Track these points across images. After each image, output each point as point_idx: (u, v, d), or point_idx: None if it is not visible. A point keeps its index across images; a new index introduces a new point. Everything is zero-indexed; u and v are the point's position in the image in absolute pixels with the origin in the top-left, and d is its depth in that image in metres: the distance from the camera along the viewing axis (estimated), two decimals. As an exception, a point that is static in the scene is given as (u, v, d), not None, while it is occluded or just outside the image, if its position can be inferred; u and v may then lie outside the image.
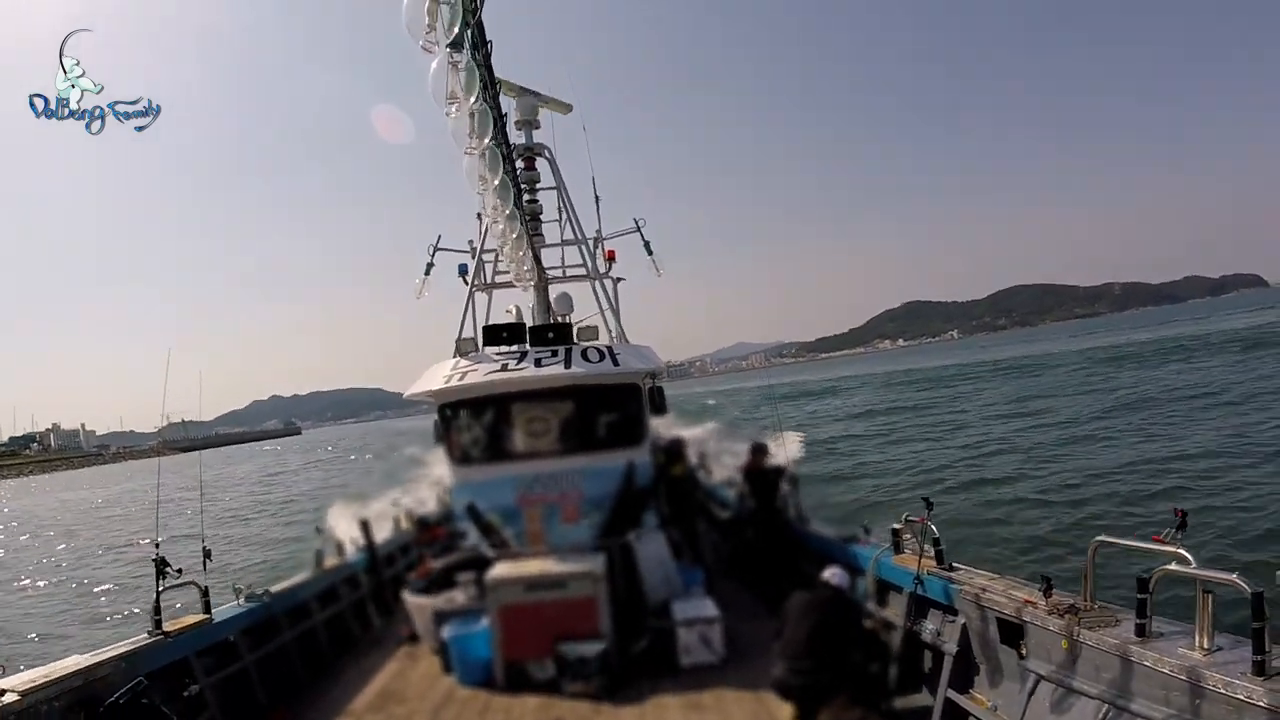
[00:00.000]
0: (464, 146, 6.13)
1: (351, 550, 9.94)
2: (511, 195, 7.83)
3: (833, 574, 6.16)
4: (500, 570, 7.14)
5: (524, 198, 10.11)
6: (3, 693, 4.57)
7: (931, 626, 5.96)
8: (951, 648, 5.62)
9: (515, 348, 8.34)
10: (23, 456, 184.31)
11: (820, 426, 38.91)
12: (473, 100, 5.40)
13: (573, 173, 12.16)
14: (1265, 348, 45.26)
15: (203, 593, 6.62)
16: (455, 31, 4.73)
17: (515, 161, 8.82)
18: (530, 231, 10.23)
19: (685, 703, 6.27)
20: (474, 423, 8.17)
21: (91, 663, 5.25)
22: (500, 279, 12.08)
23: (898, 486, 21.04)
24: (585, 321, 9.60)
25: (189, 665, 6.20)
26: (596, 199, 12.80)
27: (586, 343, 8.39)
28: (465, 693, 6.75)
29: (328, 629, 8.45)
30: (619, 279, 12.17)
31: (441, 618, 7.40)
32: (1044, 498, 16.75)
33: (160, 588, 6.11)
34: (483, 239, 11.49)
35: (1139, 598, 4.06)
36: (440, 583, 7.82)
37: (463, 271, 11.76)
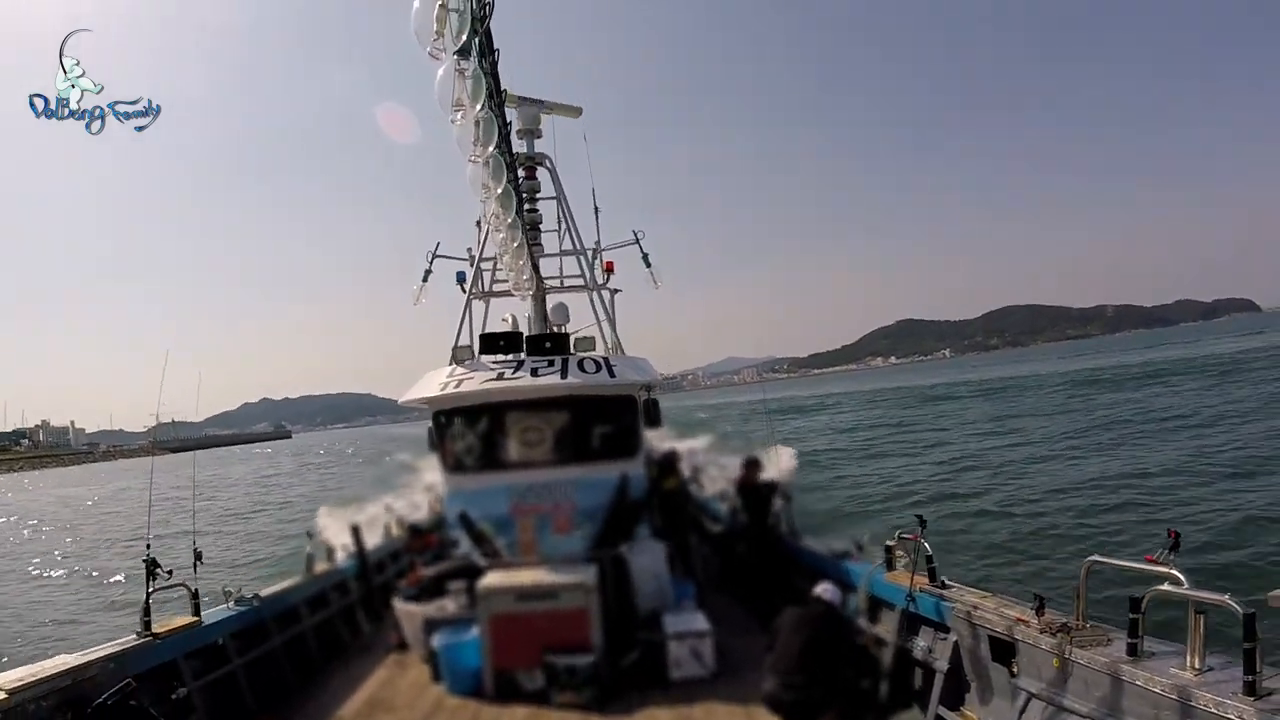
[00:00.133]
0: (468, 154, 6.16)
1: (342, 556, 9.88)
2: (514, 204, 7.86)
3: (824, 589, 6.15)
4: (492, 579, 7.10)
5: (524, 206, 10.14)
6: None
7: (923, 643, 5.98)
8: (943, 665, 5.64)
9: (512, 356, 8.34)
10: (13, 452, 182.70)
11: (804, 440, 39.18)
12: (478, 108, 5.45)
13: (572, 184, 12.20)
14: (1242, 372, 46.33)
15: (193, 595, 6.58)
16: (463, 39, 4.78)
17: (517, 170, 8.85)
18: (530, 240, 10.25)
19: (675, 716, 6.25)
20: (468, 431, 8.15)
21: (80, 662, 5.21)
22: (498, 287, 12.06)
23: (870, 498, 21.87)
24: (582, 332, 9.61)
25: (177, 667, 6.16)
26: (596, 210, 12.84)
27: (583, 353, 8.40)
28: (454, 701, 6.72)
29: (317, 635, 8.38)
30: (616, 290, 12.20)
31: (432, 626, 7.36)
32: (1007, 510, 17.70)
33: (150, 589, 6.08)
34: (481, 247, 11.48)
35: (1131, 617, 4.08)
36: (431, 590, 7.77)
37: (461, 279, 11.73)
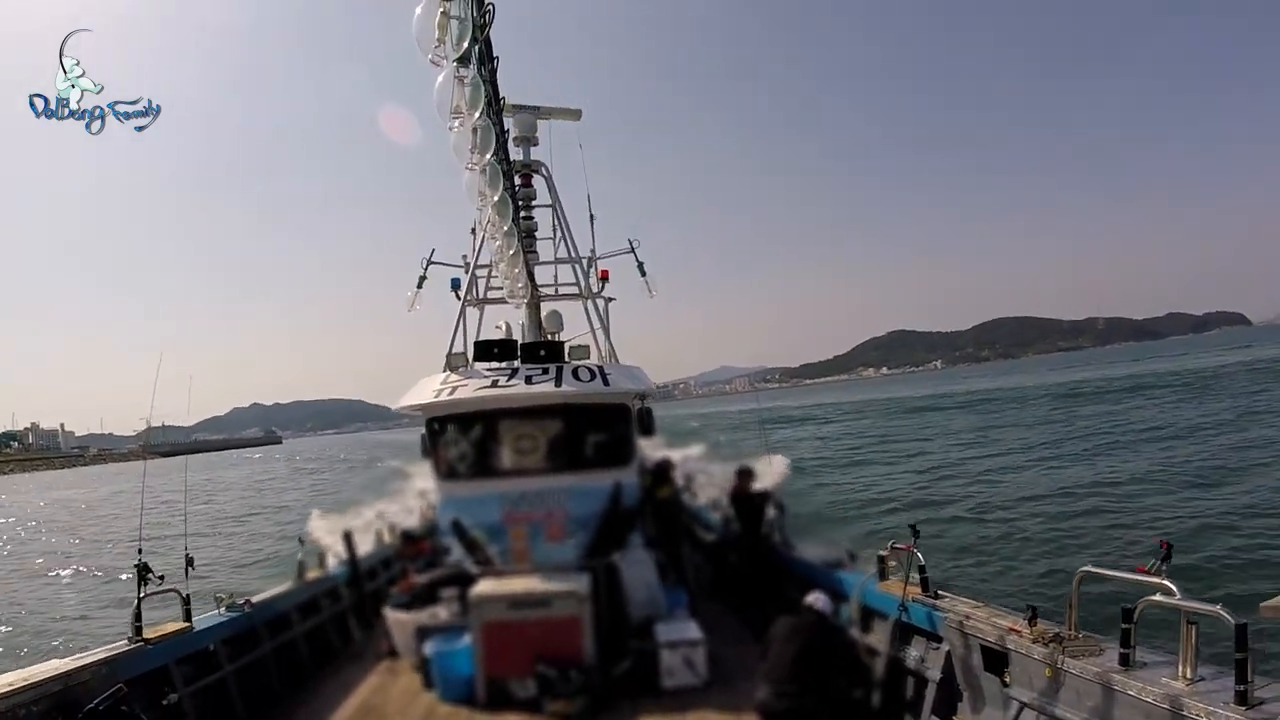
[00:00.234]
0: (465, 161, 6.16)
1: (333, 562, 9.82)
2: (510, 211, 7.87)
3: (815, 599, 6.18)
4: (484, 587, 7.07)
5: (520, 214, 10.15)
6: None
7: (916, 653, 5.99)
8: (935, 674, 5.65)
9: (506, 364, 8.33)
10: (3, 454, 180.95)
11: (790, 449, 39.59)
12: (477, 115, 5.46)
13: (567, 190, 12.22)
14: (1222, 385, 47.58)
15: (184, 600, 6.55)
16: (464, 46, 4.79)
17: (514, 177, 8.86)
18: (525, 248, 10.26)
19: None
20: (462, 438, 8.12)
21: (71, 667, 5.19)
22: (493, 294, 12.06)
23: (848, 504, 22.64)
24: (576, 340, 9.60)
25: (169, 673, 6.13)
26: (591, 218, 12.86)
27: (578, 361, 8.39)
28: (446, 709, 6.67)
29: (308, 641, 8.33)
30: (610, 299, 12.21)
31: (424, 633, 7.31)
32: (979, 516, 18.62)
33: (142, 594, 6.06)
34: (476, 254, 11.48)
35: (1123, 627, 4.12)
36: (423, 598, 7.74)
37: (455, 286, 11.70)
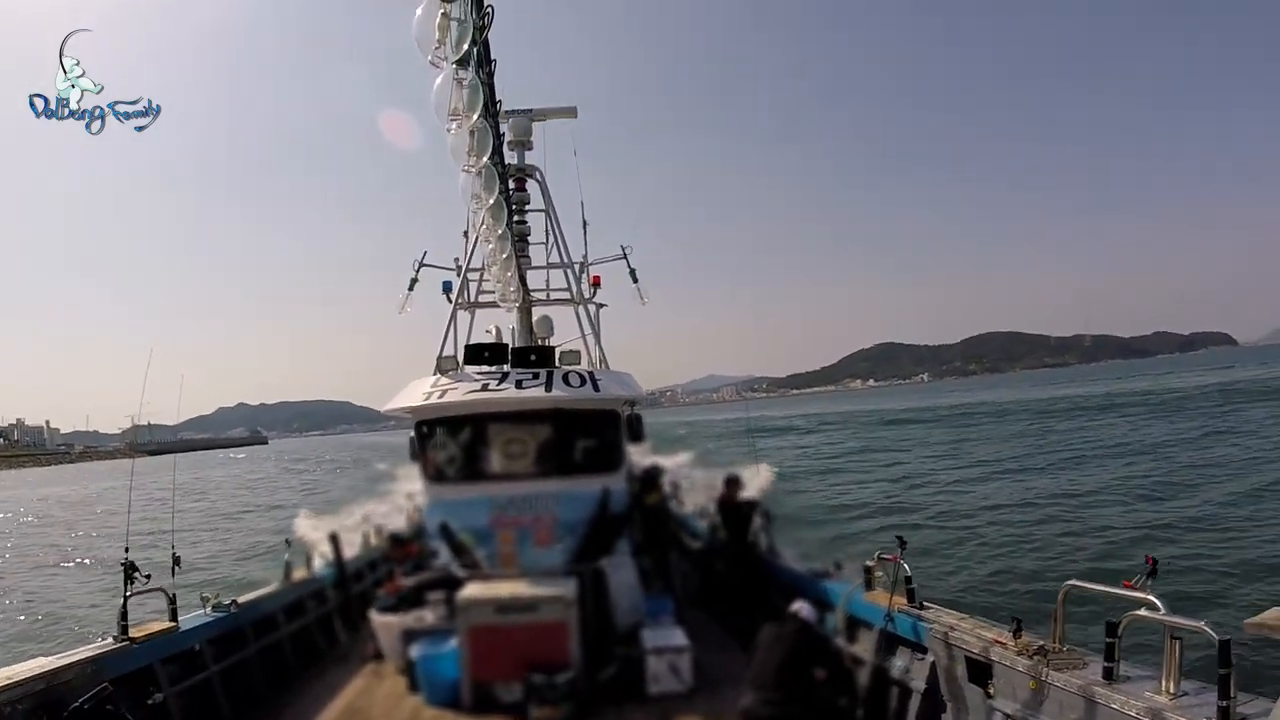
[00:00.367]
0: (462, 163, 6.17)
1: (320, 564, 9.74)
2: (504, 215, 7.86)
3: (800, 607, 6.20)
4: (471, 591, 7.04)
5: (514, 218, 10.14)
6: None
7: (900, 663, 6.01)
8: (919, 685, 5.67)
9: (496, 368, 8.30)
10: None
11: (770, 456, 39.89)
12: (474, 117, 5.47)
13: (561, 193, 12.22)
14: (1196, 404, 48.54)
15: (170, 600, 6.50)
16: (464, 49, 4.81)
17: (508, 181, 8.86)
18: (518, 252, 10.24)
19: None
20: (451, 441, 8.08)
21: (56, 666, 5.14)
22: (484, 298, 12.02)
23: (819, 507, 23.56)
24: (567, 345, 9.58)
25: (154, 672, 6.09)
26: (584, 224, 12.85)
27: (568, 367, 8.38)
28: (431, 713, 6.63)
29: (294, 643, 8.27)
30: (601, 305, 12.21)
31: (410, 636, 7.27)
32: (942, 524, 19.58)
33: (128, 593, 6.02)
34: (469, 257, 11.42)
35: (1107, 641, 4.14)
36: (410, 601, 7.70)
37: (447, 289, 11.64)
